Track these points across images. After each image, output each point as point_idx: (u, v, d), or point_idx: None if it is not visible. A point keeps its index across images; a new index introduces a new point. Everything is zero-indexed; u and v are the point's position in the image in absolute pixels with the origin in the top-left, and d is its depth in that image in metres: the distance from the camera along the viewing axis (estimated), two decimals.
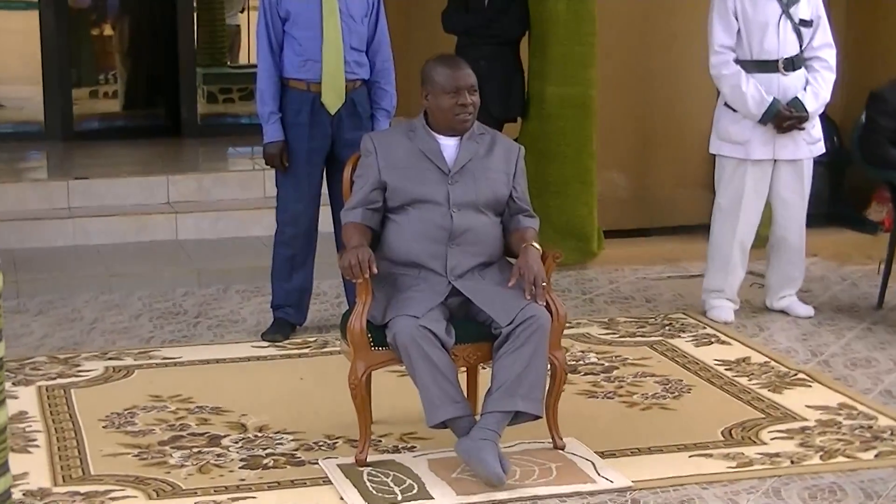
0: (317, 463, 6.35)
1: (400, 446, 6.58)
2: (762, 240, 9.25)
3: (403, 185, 6.43)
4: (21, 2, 14.36)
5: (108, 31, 15.93)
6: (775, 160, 8.95)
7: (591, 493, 6.00)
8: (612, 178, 10.89)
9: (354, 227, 6.44)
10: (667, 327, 8.86)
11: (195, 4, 14.55)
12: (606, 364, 8.03)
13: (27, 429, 6.81)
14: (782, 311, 9.21)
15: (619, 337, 8.62)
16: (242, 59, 16.08)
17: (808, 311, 9.19)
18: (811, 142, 9.02)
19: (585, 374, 7.81)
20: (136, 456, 6.45)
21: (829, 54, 8.99)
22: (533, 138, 10.06)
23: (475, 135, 6.57)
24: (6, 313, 8.56)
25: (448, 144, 6.52)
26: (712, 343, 8.53)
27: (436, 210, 6.40)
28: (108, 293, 9.45)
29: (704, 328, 8.83)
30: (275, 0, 8.24)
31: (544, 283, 6.27)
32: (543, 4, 10.05)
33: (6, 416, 2.89)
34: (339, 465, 6.27)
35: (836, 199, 10.98)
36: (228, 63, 15.94)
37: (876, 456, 6.56)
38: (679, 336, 8.65)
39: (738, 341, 8.54)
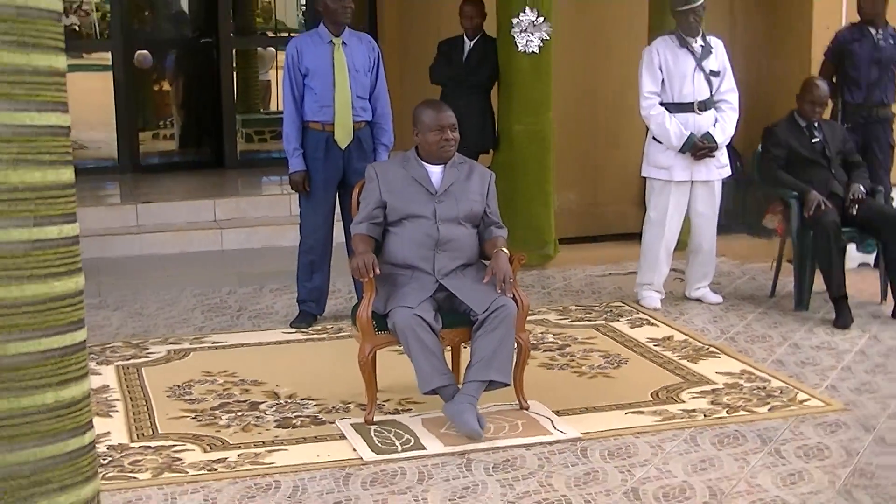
0: (334, 423, 6.37)
1: (399, 409, 6.59)
2: (682, 244, 9.27)
3: (399, 204, 6.46)
4: (98, 65, 14.34)
5: (165, 86, 15.91)
6: (692, 181, 8.97)
7: (550, 443, 6.04)
8: (565, 196, 10.88)
9: (361, 237, 6.48)
10: (608, 313, 8.83)
11: (234, 64, 14.54)
12: (561, 342, 8.02)
13: (108, 398, 6.83)
14: (698, 300, 9.21)
15: (571, 321, 8.61)
16: (272, 107, 16.07)
17: (717, 298, 9.19)
18: (720, 166, 9.05)
19: (544, 350, 7.81)
20: (193, 418, 6.49)
21: (733, 97, 9.02)
22: (503, 166, 10.02)
23: (456, 163, 6.60)
24: (90, 309, 8.61)
25: (434, 171, 6.55)
26: (644, 325, 8.52)
27: (425, 223, 6.42)
28: (168, 292, 9.44)
29: (638, 313, 8.82)
30: (296, 59, 8.27)
31: (511, 280, 6.32)
32: (510, 59, 10.01)
33: (89, 387, 2.91)
34: (351, 424, 6.30)
35: (740, 212, 10.97)
36: (261, 110, 15.94)
37: (769, 409, 6.61)
38: (618, 320, 8.64)
39: (664, 323, 8.54)
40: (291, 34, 12.59)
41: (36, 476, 2.76)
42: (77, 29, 17.83)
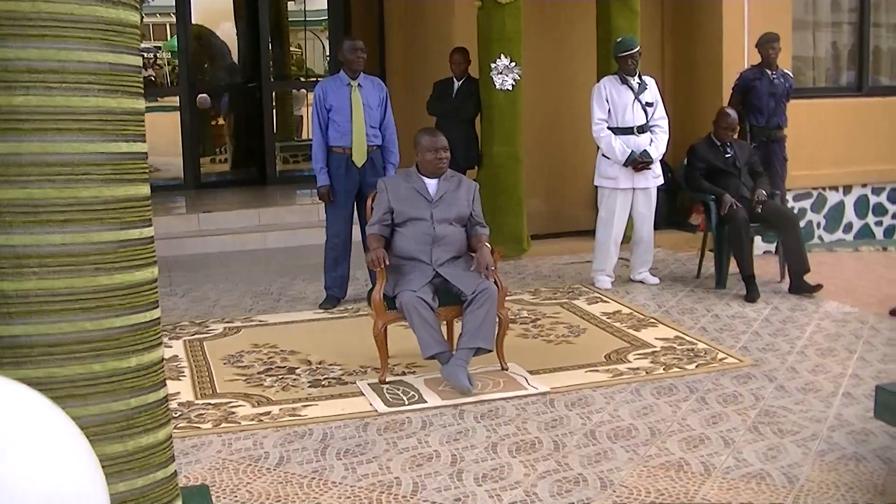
0: (355, 383, 6.37)
1: (406, 371, 6.57)
2: (627, 238, 9.26)
3: (404, 209, 6.48)
4: (169, 106, 14.34)
5: (220, 121, 15.92)
6: (634, 188, 8.97)
7: (525, 396, 6.04)
8: (535, 202, 10.85)
9: (374, 236, 6.50)
10: (570, 293, 8.78)
11: (273, 104, 14.53)
12: (533, 317, 7.99)
13: (178, 366, 6.83)
14: (640, 281, 9.17)
15: (541, 300, 8.57)
16: (304, 136, 16.03)
17: (655, 280, 9.16)
18: (655, 177, 9.04)
19: (520, 323, 7.77)
20: (244, 381, 6.48)
21: (664, 123, 9.03)
22: (485, 180, 9.96)
23: (448, 177, 6.62)
24: (163, 296, 8.63)
25: (431, 183, 6.57)
26: (598, 302, 8.47)
27: (424, 224, 6.44)
28: (224, 283, 9.40)
29: (593, 293, 8.77)
30: (322, 98, 8.27)
31: (493, 268, 6.33)
32: (490, 96, 9.99)
33: (163, 353, 2.96)
34: (368, 384, 6.30)
35: (672, 212, 10.96)
36: (295, 138, 15.92)
37: (696, 366, 6.61)
38: (578, 298, 8.60)
39: (614, 300, 8.49)
40: (318, 79, 12.56)
41: (126, 421, 2.81)
42: (153, 79, 17.85)
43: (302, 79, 17.72)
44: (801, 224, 10.88)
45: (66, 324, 2.70)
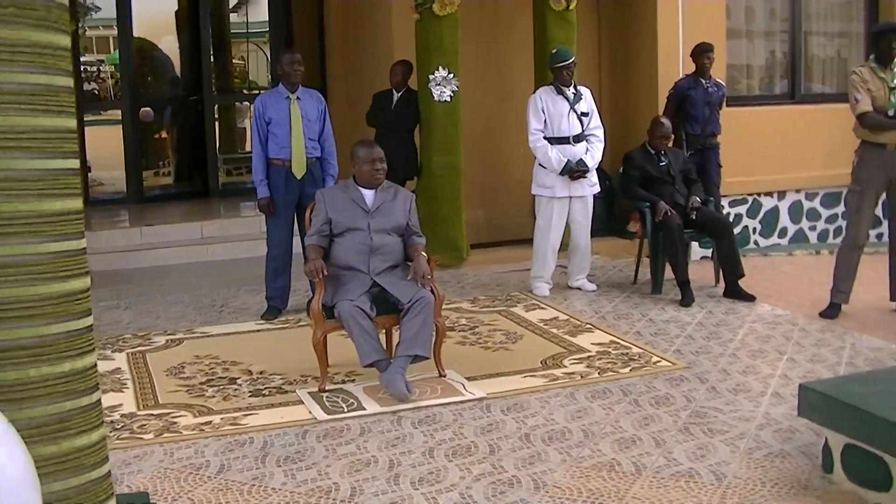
0: (295, 392, 6.45)
1: (345, 379, 6.65)
2: (565, 245, 9.37)
3: (341, 220, 6.56)
4: (112, 120, 14.28)
5: (164, 134, 15.87)
6: (570, 197, 9.09)
7: (462, 402, 6.14)
8: (474, 212, 10.95)
9: (312, 247, 6.59)
10: (508, 301, 8.89)
11: (216, 117, 14.55)
12: (471, 325, 8.08)
13: (121, 378, 6.87)
14: (578, 288, 9.29)
15: (480, 308, 8.66)
16: (247, 148, 16.03)
17: (592, 287, 9.29)
18: (591, 185, 9.18)
19: (459, 331, 7.87)
20: (186, 392, 6.54)
21: (599, 132, 9.17)
22: (425, 190, 10.11)
23: (385, 188, 6.71)
24: (107, 309, 8.79)
25: (368, 194, 6.65)
26: (536, 309, 8.58)
27: (362, 234, 6.53)
28: (168, 295, 9.43)
29: (531, 300, 8.89)
30: (261, 111, 8.36)
31: (429, 277, 6.44)
32: (428, 108, 10.09)
33: (95, 360, 3.08)
34: (308, 392, 6.38)
35: (610, 219, 11.08)
36: (239, 151, 15.92)
37: (630, 370, 6.74)
38: (516, 305, 8.71)
39: (552, 307, 8.62)
40: (262, 91, 12.64)
41: (61, 424, 2.92)
42: (96, 92, 17.77)
43: (245, 91, 17.71)
44: (737, 230, 11.11)
45: (3, 331, 2.81)
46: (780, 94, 12.40)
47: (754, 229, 11.83)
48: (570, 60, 9.07)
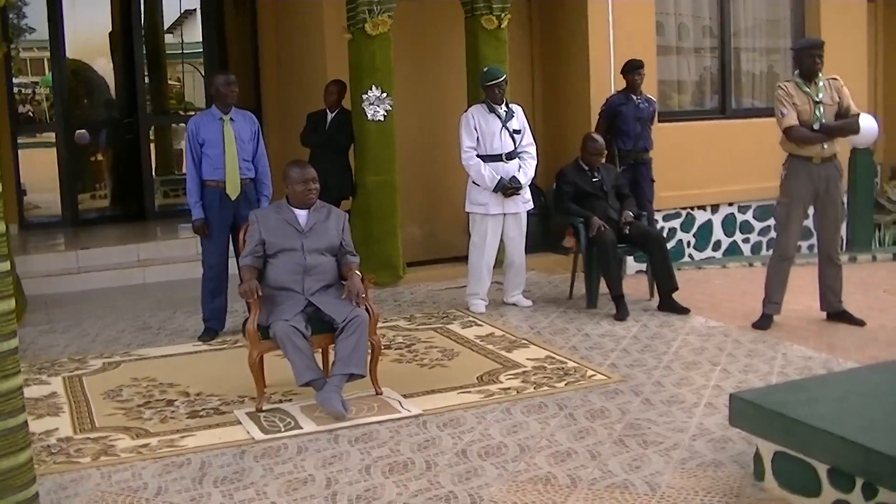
0: (232, 412, 6.41)
1: (282, 399, 6.64)
2: (500, 261, 9.41)
3: (275, 240, 6.56)
4: (47, 143, 14.16)
5: (99, 157, 15.76)
6: (504, 213, 9.13)
7: (398, 419, 6.15)
8: (410, 230, 10.97)
9: (247, 268, 6.58)
10: (445, 318, 8.92)
11: (152, 137, 14.49)
12: (408, 342, 8.09)
13: (57, 402, 6.80)
14: (514, 304, 9.34)
15: (416, 325, 8.68)
16: (184, 170, 15.97)
17: (528, 303, 9.34)
18: (525, 201, 9.23)
19: (395, 349, 7.88)
20: (123, 414, 6.49)
21: (532, 149, 9.22)
22: (360, 209, 10.13)
23: (318, 208, 6.72)
24: (43, 334, 8.72)
25: (301, 214, 6.66)
26: (472, 325, 8.61)
27: (295, 254, 6.54)
28: (104, 318, 9.37)
29: (468, 317, 8.93)
30: (195, 132, 8.33)
31: (363, 295, 6.44)
32: (362, 127, 10.11)
33: (21, 382, 3.06)
34: (246, 413, 6.34)
35: (544, 235, 11.14)
36: (175, 172, 15.84)
37: (566, 384, 6.78)
38: (452, 322, 8.74)
39: (488, 323, 8.65)
40: (198, 112, 12.60)
41: None
42: (31, 115, 17.62)
43: (181, 112, 17.63)
44: (672, 243, 11.25)
45: None
46: (710, 109, 12.56)
47: (689, 243, 11.96)
48: (502, 78, 9.12)
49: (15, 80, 14.25)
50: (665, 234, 11.15)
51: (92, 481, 5.35)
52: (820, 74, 8.20)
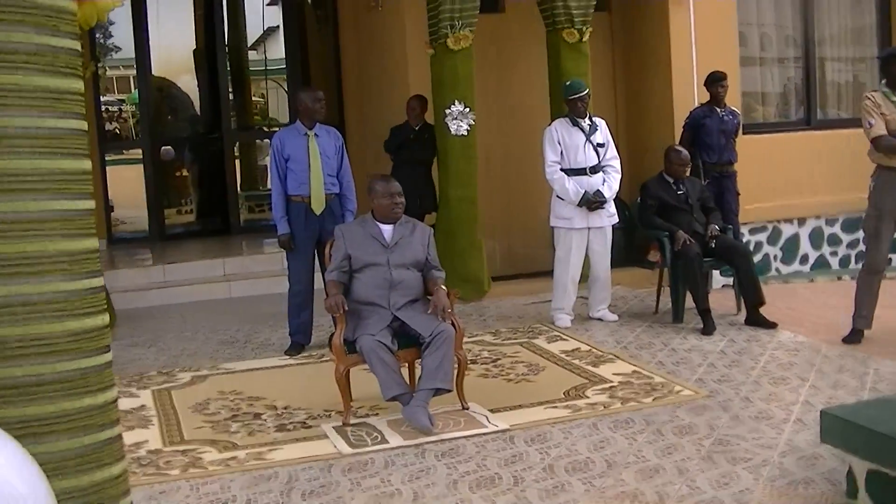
0: (319, 426, 6.43)
1: (369, 413, 6.64)
2: (585, 276, 9.37)
3: (360, 255, 6.58)
4: (133, 159, 14.40)
5: (184, 172, 15.99)
6: (589, 228, 9.09)
7: (485, 434, 6.12)
8: (493, 245, 10.97)
9: (332, 283, 6.61)
10: (530, 333, 8.88)
11: (237, 153, 14.65)
12: (494, 357, 8.07)
13: (146, 415, 6.88)
14: (599, 319, 9.29)
15: (502, 340, 8.65)
16: (268, 185, 16.14)
17: (614, 317, 9.29)
18: (610, 215, 9.17)
19: (481, 363, 7.86)
20: (211, 427, 6.54)
21: (616, 163, 9.17)
22: (443, 224, 10.12)
23: (403, 222, 6.73)
24: (130, 347, 8.84)
25: (386, 229, 6.67)
26: (558, 340, 8.57)
27: (381, 269, 6.54)
28: (191, 332, 9.48)
29: (553, 332, 8.88)
30: (279, 148, 8.40)
31: (449, 310, 6.43)
32: (445, 142, 10.15)
33: (115, 395, 3.12)
34: (332, 427, 6.36)
35: (629, 249, 11.06)
36: (259, 188, 16.00)
37: (653, 399, 6.71)
38: (538, 337, 8.69)
39: (573, 338, 8.60)
40: (282, 127, 12.70)
41: (82, 457, 2.95)
42: (118, 132, 17.90)
43: (265, 128, 17.82)
44: (758, 257, 11.12)
45: (18, 368, 2.83)
46: (795, 121, 12.40)
47: (775, 256, 11.81)
48: (585, 92, 9.10)
49: (102, 98, 14.48)
50: (751, 248, 11.01)
51: (181, 493, 5.39)
52: None
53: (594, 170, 9.05)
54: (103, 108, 14.79)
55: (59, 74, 2.98)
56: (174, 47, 15.83)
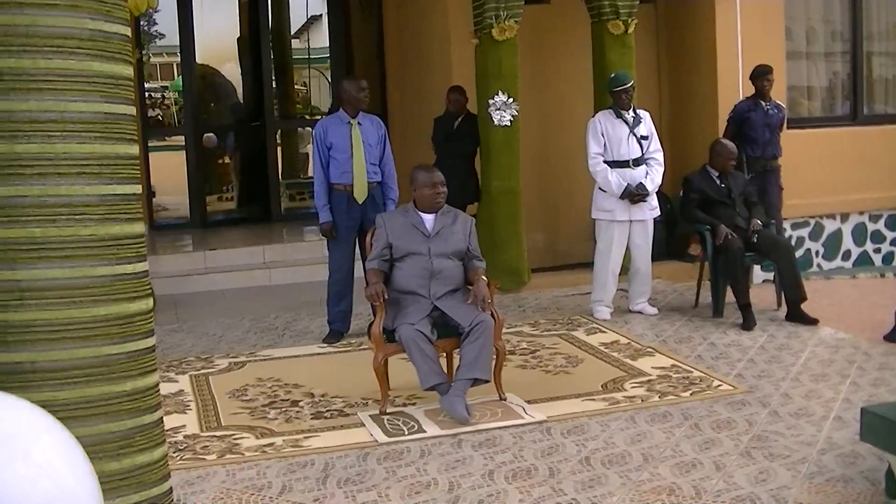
0: (356, 414, 6.48)
1: (406, 402, 6.67)
2: (625, 269, 9.35)
3: (402, 244, 6.60)
4: (176, 146, 14.49)
5: (227, 160, 16.07)
6: (631, 220, 9.08)
7: (522, 425, 6.13)
8: (534, 236, 10.96)
9: (373, 271, 6.62)
10: (569, 325, 8.88)
11: (279, 141, 14.71)
12: (532, 348, 8.08)
13: (184, 400, 6.95)
14: (639, 312, 9.27)
15: (541, 332, 8.66)
16: (309, 173, 16.19)
17: (653, 311, 9.26)
18: (652, 209, 9.16)
19: (520, 354, 7.87)
20: (248, 414, 6.59)
21: (659, 156, 9.14)
22: (485, 214, 10.13)
23: (444, 212, 6.74)
24: (170, 332, 8.88)
25: (428, 218, 6.69)
26: (597, 332, 8.57)
27: (422, 258, 6.56)
28: (230, 318, 9.54)
29: (592, 324, 8.88)
30: (322, 136, 8.42)
31: (489, 301, 6.44)
32: (487, 133, 10.14)
33: (157, 379, 3.15)
34: (369, 415, 6.40)
35: (670, 243, 11.06)
36: (301, 176, 16.06)
37: (691, 394, 6.70)
38: (577, 329, 8.70)
39: (612, 331, 8.60)
40: (324, 116, 12.72)
41: (123, 441, 2.98)
42: (160, 119, 18.01)
43: (307, 117, 17.87)
44: (800, 252, 11.06)
45: (63, 351, 2.88)
46: (841, 116, 12.33)
47: (817, 252, 11.75)
48: (629, 84, 9.08)
49: (145, 85, 14.57)
50: (793, 243, 10.95)
51: (217, 478, 5.44)
52: None
53: (637, 162, 9.03)
54: (146, 94, 14.89)
55: (112, 60, 3.01)
56: (218, 35, 15.91)
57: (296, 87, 17.77)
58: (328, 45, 14.88)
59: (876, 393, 6.68)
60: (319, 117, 13.52)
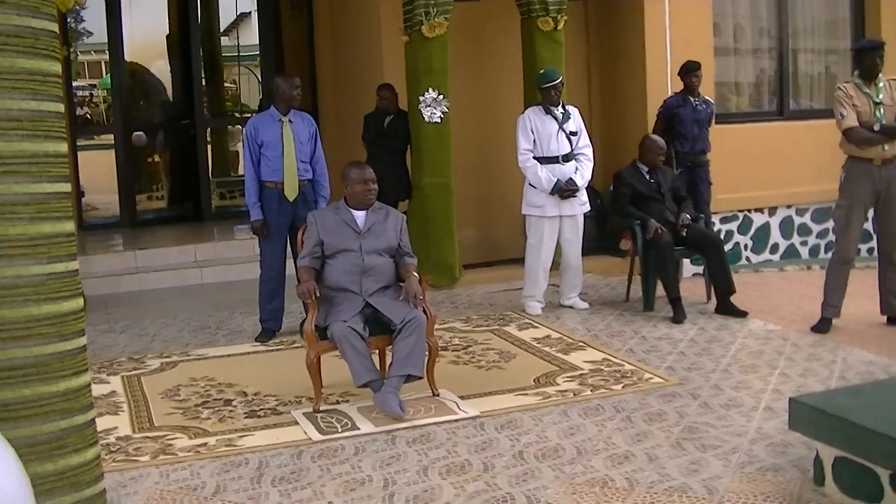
0: (289, 412, 6.45)
1: (340, 400, 6.67)
2: (556, 264, 9.40)
3: (333, 241, 6.60)
4: (105, 144, 14.35)
5: (157, 158, 15.94)
6: (561, 216, 9.13)
7: (455, 421, 6.15)
8: (466, 232, 10.98)
9: (305, 269, 6.61)
10: (501, 320, 8.92)
11: (209, 139, 14.61)
12: (465, 344, 8.11)
13: (116, 401, 6.88)
14: (570, 306, 9.33)
15: (473, 327, 8.69)
16: (239, 171, 16.09)
17: (585, 305, 9.33)
18: (581, 204, 9.21)
19: (452, 350, 7.89)
20: (181, 414, 6.55)
21: (588, 151, 9.19)
22: (416, 211, 10.16)
23: (376, 209, 6.74)
24: (101, 333, 8.82)
25: (359, 215, 6.69)
26: (529, 328, 8.61)
27: (353, 255, 6.56)
28: (162, 318, 9.48)
29: (524, 319, 8.93)
30: (253, 133, 8.39)
31: (421, 297, 6.45)
32: (418, 129, 10.16)
33: (89, 379, 3.12)
34: (303, 413, 6.38)
35: (601, 237, 11.14)
36: (231, 174, 15.96)
37: (623, 387, 6.75)
38: (509, 324, 8.73)
39: (544, 325, 8.64)
40: (254, 114, 12.66)
41: (57, 442, 2.96)
42: (89, 117, 17.83)
43: (237, 114, 17.78)
44: (729, 246, 11.18)
45: None
46: (768, 111, 12.46)
47: (746, 245, 11.88)
48: (558, 80, 9.12)
49: (73, 83, 14.42)
50: (722, 237, 11.06)
51: (151, 480, 5.40)
52: (881, 75, 8.13)
53: (567, 158, 9.07)
54: (74, 92, 14.73)
55: (40, 56, 2.99)
56: (147, 32, 15.77)
57: (226, 84, 17.67)
58: (258, 42, 14.83)
59: (805, 383, 6.78)
60: (249, 115, 13.47)
